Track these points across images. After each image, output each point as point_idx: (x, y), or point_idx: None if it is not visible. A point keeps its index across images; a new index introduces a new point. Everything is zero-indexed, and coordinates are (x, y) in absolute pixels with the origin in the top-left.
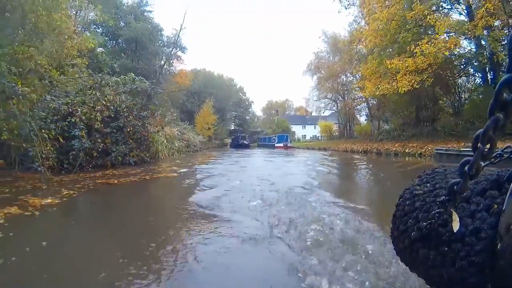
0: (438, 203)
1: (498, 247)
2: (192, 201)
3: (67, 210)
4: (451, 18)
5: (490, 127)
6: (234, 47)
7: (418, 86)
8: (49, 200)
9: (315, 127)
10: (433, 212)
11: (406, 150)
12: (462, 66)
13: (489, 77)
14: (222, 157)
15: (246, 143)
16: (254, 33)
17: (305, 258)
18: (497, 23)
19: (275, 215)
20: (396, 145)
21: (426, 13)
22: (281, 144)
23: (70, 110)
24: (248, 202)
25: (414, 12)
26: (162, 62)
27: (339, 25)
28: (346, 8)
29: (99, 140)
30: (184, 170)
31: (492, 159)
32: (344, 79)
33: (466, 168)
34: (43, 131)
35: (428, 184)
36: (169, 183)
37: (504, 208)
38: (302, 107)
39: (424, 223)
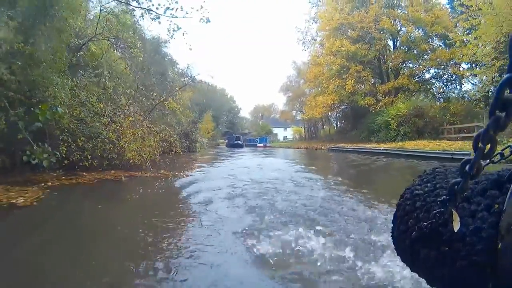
0: (438, 203)
1: (499, 247)
2: (225, 153)
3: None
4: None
5: (490, 127)
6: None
7: (324, 115)
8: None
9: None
10: (434, 212)
11: (322, 147)
12: None
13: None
14: (223, 151)
15: (241, 143)
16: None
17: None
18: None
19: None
20: (320, 144)
21: (323, 80)
22: (262, 144)
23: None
24: (243, 155)
25: (325, 75)
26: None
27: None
28: (305, 50)
29: (187, 141)
30: (214, 152)
31: (493, 159)
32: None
33: (466, 168)
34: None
35: (428, 184)
36: (216, 153)
37: (504, 207)
38: (286, 110)
39: (425, 223)
